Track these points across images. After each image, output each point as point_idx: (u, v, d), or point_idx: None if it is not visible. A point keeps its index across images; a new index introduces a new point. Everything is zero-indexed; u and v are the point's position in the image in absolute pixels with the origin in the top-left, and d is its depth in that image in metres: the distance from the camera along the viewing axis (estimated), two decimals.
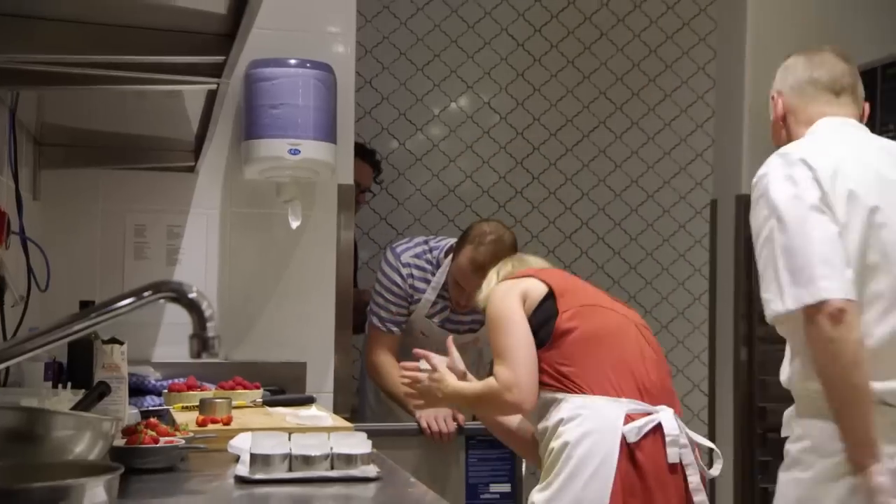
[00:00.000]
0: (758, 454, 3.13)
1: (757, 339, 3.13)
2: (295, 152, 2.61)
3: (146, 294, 0.99)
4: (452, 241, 2.90)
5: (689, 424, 4.42)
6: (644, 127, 4.13)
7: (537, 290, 2.21)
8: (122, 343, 1.82)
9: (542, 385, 2.15)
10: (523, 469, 2.75)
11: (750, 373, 3.14)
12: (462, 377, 2.29)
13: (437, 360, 2.27)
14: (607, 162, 4.14)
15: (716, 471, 2.14)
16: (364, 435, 1.81)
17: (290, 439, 1.73)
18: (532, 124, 4.10)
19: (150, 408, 2.23)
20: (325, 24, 2.90)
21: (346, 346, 2.90)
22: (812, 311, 1.83)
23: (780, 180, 1.91)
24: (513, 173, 4.09)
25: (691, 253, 4.16)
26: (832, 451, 1.86)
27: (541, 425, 2.18)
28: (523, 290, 2.21)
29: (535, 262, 2.41)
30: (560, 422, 2.10)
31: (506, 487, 2.73)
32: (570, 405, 2.11)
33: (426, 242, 2.95)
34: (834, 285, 1.82)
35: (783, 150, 1.98)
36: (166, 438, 1.72)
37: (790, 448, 1.98)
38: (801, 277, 1.84)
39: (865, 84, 2.89)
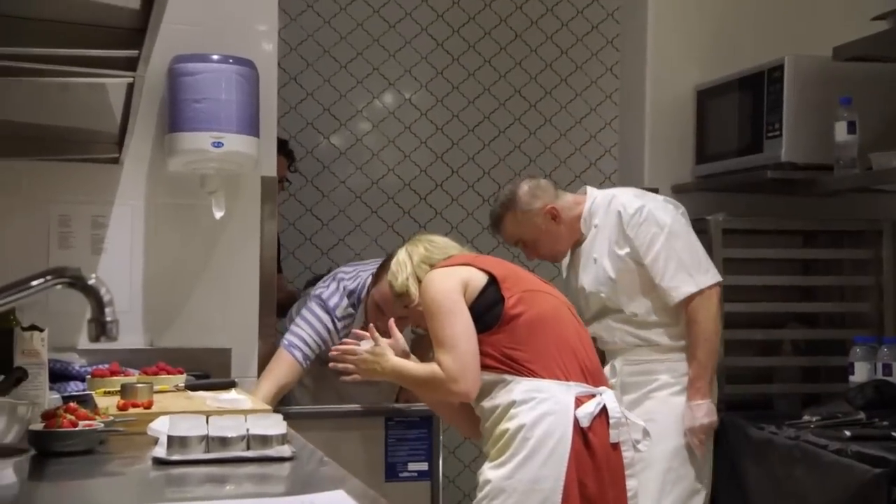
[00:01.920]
0: None
1: None
2: (218, 145, 2.57)
3: (45, 279, 0.97)
4: (366, 270, 2.76)
5: None
6: (556, 124, 4.18)
7: (477, 278, 2.17)
8: (42, 330, 1.78)
9: (487, 367, 2.14)
10: (440, 448, 2.77)
11: None
12: (405, 357, 2.24)
13: (380, 338, 2.22)
14: (522, 157, 4.17)
15: (644, 447, 2.19)
16: (280, 417, 1.80)
17: (207, 422, 1.71)
18: (451, 120, 4.11)
19: (73, 393, 2.18)
20: (249, 22, 2.86)
21: (271, 332, 2.87)
22: (713, 289, 2.61)
23: (660, 209, 2.66)
24: (433, 167, 4.10)
25: None
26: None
27: (486, 404, 2.16)
28: (463, 278, 2.16)
29: (444, 241, 2.36)
30: (512, 404, 2.10)
31: (423, 466, 2.74)
32: (522, 388, 2.11)
33: (344, 289, 2.75)
34: (717, 273, 2.65)
35: (633, 192, 2.75)
36: (85, 422, 1.69)
37: (683, 380, 2.62)
38: (702, 267, 2.63)
39: (753, 87, 2.99)
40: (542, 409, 2.08)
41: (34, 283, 0.97)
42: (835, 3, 3.25)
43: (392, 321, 2.30)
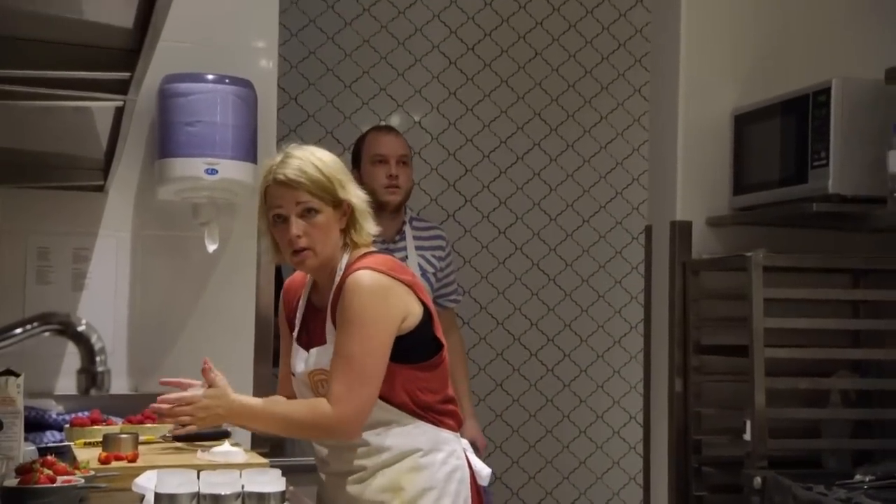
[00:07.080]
0: (693, 488, 3.17)
1: (692, 370, 3.18)
2: (212, 172, 2.59)
3: (31, 326, 0.97)
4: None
5: (626, 458, 4.48)
6: (579, 149, 4.20)
7: (415, 313, 2.07)
8: (17, 375, 1.79)
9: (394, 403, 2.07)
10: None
11: (685, 404, 3.18)
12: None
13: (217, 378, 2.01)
14: (542, 185, 4.20)
15: None
16: (279, 472, 1.80)
17: (198, 477, 1.71)
18: (465, 145, 4.13)
19: (50, 444, 2.18)
20: (247, 38, 2.89)
21: (266, 378, 2.87)
22: None
23: None
24: (444, 195, 4.12)
25: (628, 280, 4.23)
26: None
27: (374, 439, 2.06)
28: (405, 311, 2.05)
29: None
30: (417, 451, 2.08)
31: None
32: (427, 437, 2.10)
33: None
34: None
35: None
36: (64, 478, 1.69)
37: None
38: None
39: (797, 111, 3.00)
40: (451, 465, 2.11)
41: (18, 330, 0.98)
42: (887, 20, 3.27)
43: (205, 359, 2.05)
